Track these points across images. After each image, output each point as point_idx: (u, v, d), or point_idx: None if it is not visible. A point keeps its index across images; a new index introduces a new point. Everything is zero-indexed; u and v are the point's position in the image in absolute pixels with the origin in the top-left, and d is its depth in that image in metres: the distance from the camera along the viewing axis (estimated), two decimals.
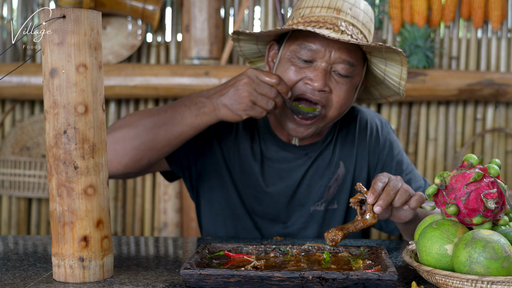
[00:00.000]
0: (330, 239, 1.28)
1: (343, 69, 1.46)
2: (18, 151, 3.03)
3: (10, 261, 1.30)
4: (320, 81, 1.44)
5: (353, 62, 1.47)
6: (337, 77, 1.47)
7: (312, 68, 1.46)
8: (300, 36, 1.47)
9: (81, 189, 1.10)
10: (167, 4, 3.06)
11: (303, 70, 1.46)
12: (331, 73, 1.47)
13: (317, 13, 1.46)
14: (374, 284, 1.04)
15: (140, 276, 1.16)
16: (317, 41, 1.44)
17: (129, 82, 2.86)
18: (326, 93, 1.47)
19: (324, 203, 1.63)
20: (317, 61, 1.46)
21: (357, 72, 1.50)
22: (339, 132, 1.66)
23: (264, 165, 1.62)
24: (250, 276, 1.05)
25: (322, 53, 1.44)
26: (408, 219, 1.36)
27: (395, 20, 2.96)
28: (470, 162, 1.13)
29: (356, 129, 1.66)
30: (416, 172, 1.69)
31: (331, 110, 1.49)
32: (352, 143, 1.65)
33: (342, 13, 1.45)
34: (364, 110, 1.72)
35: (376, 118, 1.71)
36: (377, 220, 1.31)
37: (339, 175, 1.63)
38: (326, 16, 1.45)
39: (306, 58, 1.46)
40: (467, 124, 3.05)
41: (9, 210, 3.10)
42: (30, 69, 2.86)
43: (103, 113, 1.14)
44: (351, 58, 1.46)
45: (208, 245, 1.27)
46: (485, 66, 3.04)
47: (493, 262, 0.99)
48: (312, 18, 1.45)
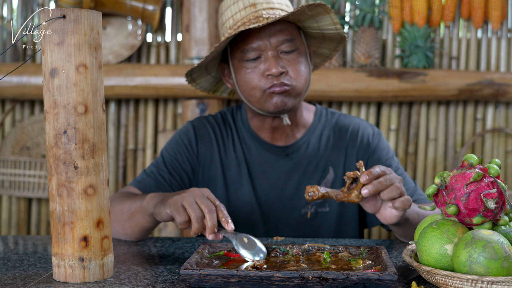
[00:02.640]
0: (309, 193, 1.30)
1: (287, 46, 1.57)
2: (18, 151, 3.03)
3: (10, 261, 1.30)
4: (275, 67, 1.54)
5: (291, 36, 1.58)
6: (286, 56, 1.58)
7: (263, 62, 1.57)
8: (238, 43, 1.58)
9: (81, 189, 1.10)
10: (167, 4, 3.06)
11: (258, 67, 1.57)
12: (280, 55, 1.58)
13: (239, 17, 1.58)
14: (374, 284, 1.04)
15: (140, 276, 1.16)
16: (253, 38, 1.56)
17: (129, 82, 2.86)
18: (286, 73, 1.57)
19: (314, 205, 1.68)
20: (263, 53, 1.57)
21: (299, 42, 1.61)
22: (328, 137, 1.72)
23: (251, 170, 1.70)
24: (250, 276, 1.05)
25: (263, 45, 1.56)
26: (392, 221, 1.35)
27: (395, 20, 2.96)
28: (470, 162, 1.13)
29: (347, 136, 1.72)
30: (407, 177, 1.71)
31: (296, 82, 1.58)
32: (342, 149, 1.71)
33: (258, 4, 1.58)
34: (358, 120, 1.77)
35: (369, 128, 1.76)
36: (359, 201, 1.30)
37: (328, 179, 1.69)
38: (247, 15, 1.57)
39: (253, 57, 1.57)
40: (467, 124, 3.05)
41: (9, 210, 3.10)
42: (30, 69, 2.86)
43: (103, 113, 1.14)
44: (287, 35, 1.57)
45: (208, 245, 1.27)
46: (485, 66, 3.04)
47: (493, 262, 0.99)
48: (238, 23, 1.57)
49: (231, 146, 1.71)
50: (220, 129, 1.74)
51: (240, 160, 1.70)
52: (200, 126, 1.74)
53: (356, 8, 2.99)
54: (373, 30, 2.91)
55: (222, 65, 1.68)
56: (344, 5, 3.04)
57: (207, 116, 1.78)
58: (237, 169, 1.69)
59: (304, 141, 1.70)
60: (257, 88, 1.56)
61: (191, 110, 2.92)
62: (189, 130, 1.74)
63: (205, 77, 1.72)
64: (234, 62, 1.61)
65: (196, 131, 1.73)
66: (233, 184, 1.69)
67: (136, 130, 3.10)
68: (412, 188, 1.67)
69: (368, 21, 2.88)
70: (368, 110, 3.06)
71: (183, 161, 1.70)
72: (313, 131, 1.72)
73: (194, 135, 1.72)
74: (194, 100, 2.91)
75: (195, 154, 1.72)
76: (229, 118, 1.76)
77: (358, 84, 2.86)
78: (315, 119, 1.74)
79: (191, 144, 1.72)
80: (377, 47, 2.93)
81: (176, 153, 1.71)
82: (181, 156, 1.70)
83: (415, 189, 1.67)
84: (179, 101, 3.05)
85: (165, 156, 1.71)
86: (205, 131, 1.73)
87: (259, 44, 1.55)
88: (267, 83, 1.55)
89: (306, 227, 1.68)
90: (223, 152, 1.71)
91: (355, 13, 3.01)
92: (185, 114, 2.94)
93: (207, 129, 1.73)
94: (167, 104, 3.08)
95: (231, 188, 1.69)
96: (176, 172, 1.69)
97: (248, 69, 1.58)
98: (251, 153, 1.70)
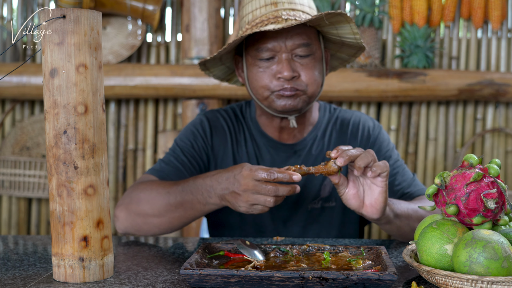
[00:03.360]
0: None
1: (302, 51, 1.55)
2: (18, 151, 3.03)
3: (10, 261, 1.30)
4: (287, 70, 1.53)
5: (307, 41, 1.56)
6: (300, 60, 1.57)
7: (276, 63, 1.56)
8: (254, 40, 1.57)
9: (81, 189, 1.10)
10: (167, 4, 3.06)
11: (270, 68, 1.56)
12: (294, 59, 1.56)
13: (259, 14, 1.56)
14: (374, 284, 1.04)
15: (140, 276, 1.16)
16: (269, 38, 1.54)
17: (129, 82, 2.86)
18: (297, 78, 1.56)
19: (321, 201, 1.68)
20: (277, 55, 1.55)
21: (316, 47, 1.59)
22: (331, 131, 1.73)
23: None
24: (250, 276, 1.05)
25: (278, 46, 1.54)
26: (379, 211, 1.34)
27: (395, 20, 2.96)
28: (470, 162, 1.13)
29: (349, 130, 1.73)
30: (406, 168, 1.72)
31: (308, 87, 1.58)
32: (344, 143, 1.72)
33: (279, 4, 1.56)
34: (358, 114, 1.78)
35: (370, 121, 1.77)
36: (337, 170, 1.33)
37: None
38: (267, 13, 1.55)
39: (267, 57, 1.55)
40: (467, 124, 3.05)
41: (9, 210, 3.10)
42: (30, 69, 2.86)
43: (103, 113, 1.14)
44: (304, 39, 1.55)
45: (208, 245, 1.27)
46: (485, 66, 3.04)
47: (493, 262, 0.99)
48: (257, 20, 1.55)
49: (242, 142, 1.71)
50: (233, 124, 1.74)
51: (251, 156, 1.70)
52: (214, 119, 1.74)
53: (356, 8, 2.99)
54: (373, 30, 2.91)
55: (237, 58, 1.67)
56: (344, 5, 3.04)
57: (219, 110, 1.77)
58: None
59: (311, 137, 1.71)
60: (266, 88, 1.56)
61: (191, 110, 2.92)
62: (204, 122, 1.73)
63: (219, 66, 1.71)
64: (248, 58, 1.60)
65: (210, 123, 1.72)
66: None
67: (136, 130, 3.10)
68: (410, 179, 1.67)
69: (368, 21, 2.88)
70: (368, 110, 3.06)
71: (199, 150, 1.70)
72: (319, 127, 1.73)
73: (208, 126, 1.72)
74: (194, 100, 2.92)
75: (210, 146, 1.71)
76: (239, 114, 1.76)
77: (358, 84, 2.86)
78: (320, 115, 1.75)
79: (206, 135, 1.71)
80: (377, 47, 2.93)
81: (193, 142, 1.70)
82: (197, 145, 1.70)
83: (413, 180, 1.68)
84: (179, 101, 3.05)
85: (182, 146, 1.70)
86: (219, 124, 1.73)
87: (274, 45, 1.54)
88: (277, 85, 1.55)
89: (313, 223, 1.68)
90: (235, 146, 1.71)
91: (355, 13, 3.01)
92: (185, 114, 2.94)
93: (220, 122, 1.73)
94: (167, 104, 3.08)
95: None
96: (195, 160, 1.69)
97: (260, 68, 1.57)
98: (261, 150, 1.70)
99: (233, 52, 1.66)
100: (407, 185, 1.65)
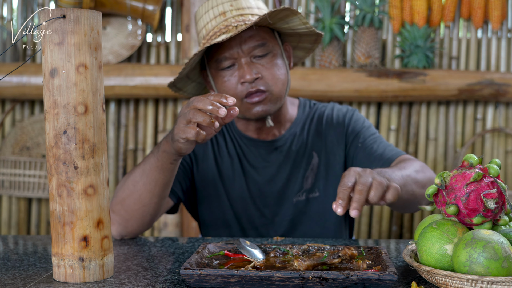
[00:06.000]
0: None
1: (259, 51, 1.59)
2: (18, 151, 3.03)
3: (10, 261, 1.30)
4: (248, 73, 1.56)
5: (262, 41, 1.59)
6: (260, 60, 1.60)
7: (237, 69, 1.59)
8: (213, 53, 1.61)
9: (81, 189, 1.10)
10: (167, 4, 3.06)
11: (234, 75, 1.59)
12: (253, 61, 1.59)
13: (211, 27, 1.60)
14: (374, 284, 1.04)
15: (140, 276, 1.16)
16: (225, 48, 1.58)
17: (129, 82, 2.86)
18: (260, 78, 1.59)
19: (305, 192, 1.72)
20: (236, 61, 1.59)
21: (272, 45, 1.62)
22: (309, 126, 1.77)
23: (243, 165, 1.74)
24: (250, 276, 1.05)
25: (235, 53, 1.58)
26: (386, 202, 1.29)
27: (395, 20, 2.96)
28: (470, 162, 1.13)
29: (323, 122, 1.77)
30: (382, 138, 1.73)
31: (273, 86, 1.60)
32: (321, 134, 1.76)
33: (228, 12, 1.59)
34: (332, 105, 1.82)
35: (344, 108, 1.81)
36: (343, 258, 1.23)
37: (313, 165, 1.73)
38: (218, 24, 1.59)
39: (228, 65, 1.59)
40: (467, 124, 3.05)
41: (9, 210, 3.10)
42: (30, 69, 2.86)
43: (103, 113, 1.14)
44: (258, 40, 1.59)
45: (208, 245, 1.27)
46: (485, 66, 3.04)
47: (493, 262, 0.99)
48: (210, 33, 1.59)
49: (223, 143, 1.75)
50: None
51: (233, 156, 1.74)
52: None
53: (356, 8, 2.99)
54: (373, 30, 2.91)
55: (203, 72, 1.71)
56: (344, 5, 3.04)
57: None
58: (230, 165, 1.74)
59: (290, 134, 1.75)
60: (235, 96, 1.58)
61: None
62: None
63: (190, 84, 1.75)
64: (212, 71, 1.64)
65: None
66: (227, 180, 1.73)
67: (136, 130, 3.10)
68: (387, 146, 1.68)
69: (368, 21, 2.88)
70: (368, 110, 3.06)
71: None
72: (298, 124, 1.76)
73: None
74: None
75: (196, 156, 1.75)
76: None
77: (358, 84, 2.86)
78: (300, 112, 1.78)
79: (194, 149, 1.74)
80: (377, 47, 2.93)
81: None
82: None
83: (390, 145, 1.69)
84: (179, 101, 3.05)
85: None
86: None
87: (231, 53, 1.57)
88: (243, 90, 1.58)
89: (300, 215, 1.72)
90: (216, 148, 1.75)
91: (355, 13, 3.01)
92: None
93: None
94: (167, 104, 3.08)
95: (226, 183, 1.73)
96: (184, 160, 1.72)
97: (224, 78, 1.60)
98: (243, 149, 1.74)
99: (199, 69, 1.71)
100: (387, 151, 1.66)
